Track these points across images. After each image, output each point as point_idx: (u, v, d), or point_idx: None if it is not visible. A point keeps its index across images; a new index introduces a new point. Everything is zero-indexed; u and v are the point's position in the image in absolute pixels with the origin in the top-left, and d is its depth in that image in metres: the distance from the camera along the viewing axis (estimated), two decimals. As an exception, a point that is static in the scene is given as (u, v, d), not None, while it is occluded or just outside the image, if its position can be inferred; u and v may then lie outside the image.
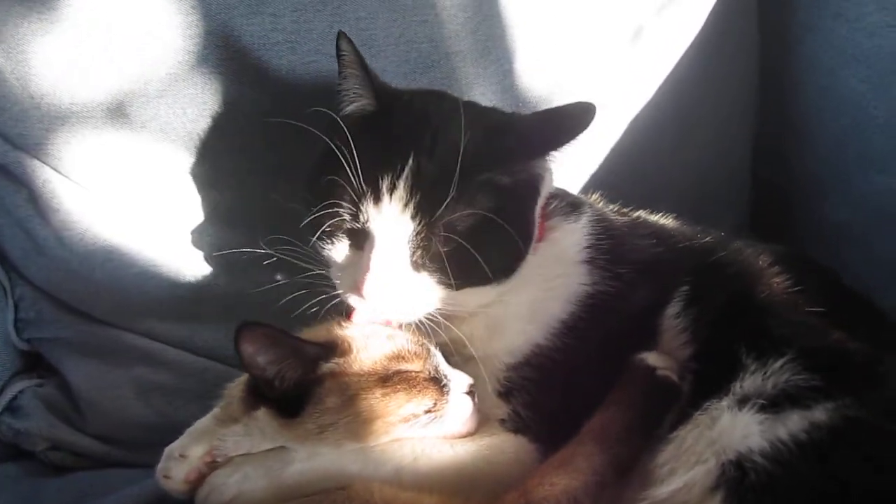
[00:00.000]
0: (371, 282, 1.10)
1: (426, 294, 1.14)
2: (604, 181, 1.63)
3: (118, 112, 1.45)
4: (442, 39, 1.53)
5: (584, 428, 1.11)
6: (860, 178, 1.66)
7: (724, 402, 1.06)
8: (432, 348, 1.19)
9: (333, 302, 1.21)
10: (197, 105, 1.47)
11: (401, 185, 1.08)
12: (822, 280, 1.29)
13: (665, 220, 1.36)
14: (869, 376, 1.06)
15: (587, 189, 1.53)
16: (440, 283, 1.13)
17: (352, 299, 1.16)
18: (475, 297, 1.17)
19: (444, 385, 1.14)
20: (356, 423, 1.08)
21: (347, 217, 1.12)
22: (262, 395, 1.11)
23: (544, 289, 1.21)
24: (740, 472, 0.98)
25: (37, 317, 1.63)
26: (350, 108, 1.21)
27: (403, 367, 1.13)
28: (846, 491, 0.95)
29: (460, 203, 1.08)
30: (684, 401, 1.12)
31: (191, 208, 1.55)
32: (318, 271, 1.22)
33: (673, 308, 1.19)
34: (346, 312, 1.21)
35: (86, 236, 1.52)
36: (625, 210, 1.37)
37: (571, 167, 1.65)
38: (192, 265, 1.58)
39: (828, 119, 1.72)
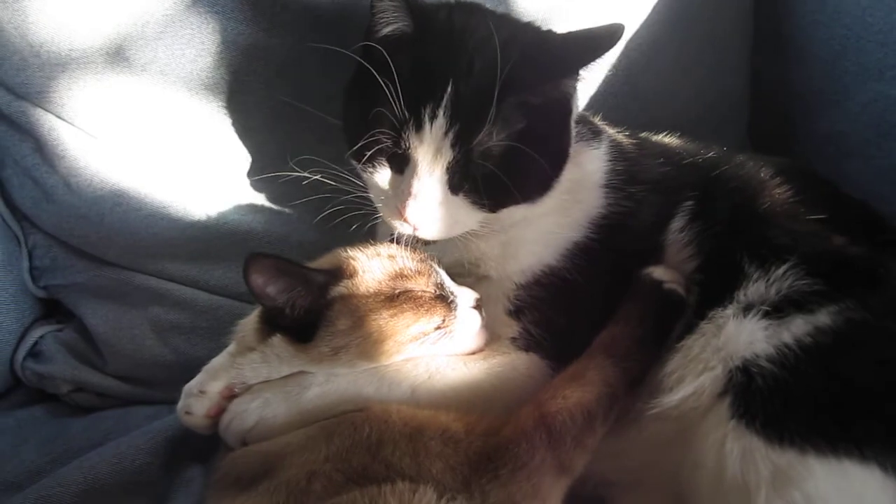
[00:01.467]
0: (413, 206, 1.13)
1: (464, 215, 1.16)
2: (604, 102, 1.63)
3: (117, 56, 1.45)
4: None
5: (595, 342, 1.13)
6: (857, 88, 1.65)
7: (729, 311, 1.09)
8: (435, 266, 1.21)
9: (369, 224, 1.27)
10: (195, 45, 1.47)
11: (440, 113, 1.09)
12: (822, 188, 1.31)
13: (670, 139, 1.37)
14: (870, 279, 1.09)
15: (589, 111, 1.52)
16: (476, 204, 1.15)
17: (395, 222, 1.18)
18: (508, 215, 1.19)
19: (451, 301, 1.17)
20: (368, 344, 1.11)
21: (389, 143, 1.14)
22: (275, 323, 1.14)
23: (564, 211, 1.23)
24: (747, 378, 1.01)
25: (51, 264, 1.66)
26: (386, 31, 1.19)
27: (409, 285, 1.15)
28: (851, 390, 0.98)
29: (496, 126, 1.09)
30: (691, 312, 1.14)
31: (196, 149, 1.56)
32: (358, 193, 1.24)
33: (678, 222, 1.21)
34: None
35: (93, 181, 1.54)
36: (631, 132, 1.38)
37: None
38: (200, 205, 1.59)
39: (824, 30, 1.70)
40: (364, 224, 1.30)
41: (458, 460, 0.98)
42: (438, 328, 1.14)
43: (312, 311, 1.13)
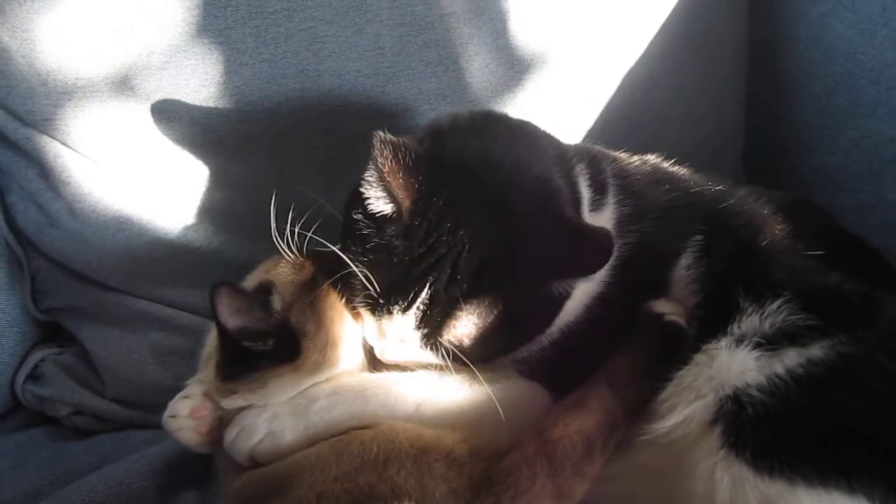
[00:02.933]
0: (387, 354, 1.15)
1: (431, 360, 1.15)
2: (601, 135, 1.65)
3: (123, 85, 1.47)
4: (436, 1, 1.53)
5: (598, 372, 1.14)
6: (850, 124, 1.68)
7: (723, 343, 1.10)
8: None
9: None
10: (198, 75, 1.48)
11: (412, 310, 1.08)
12: (819, 223, 1.32)
13: (676, 167, 1.36)
14: (864, 314, 1.09)
15: (587, 141, 1.55)
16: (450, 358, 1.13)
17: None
18: None
19: None
20: (335, 331, 1.15)
21: (367, 305, 1.13)
22: (252, 357, 1.15)
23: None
24: (738, 407, 1.02)
25: (53, 288, 1.68)
26: (373, 206, 1.12)
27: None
28: (842, 421, 0.99)
29: (469, 320, 1.08)
30: (690, 343, 1.15)
31: (198, 177, 1.58)
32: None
33: (686, 259, 1.20)
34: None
35: (97, 207, 1.55)
36: (637, 157, 1.36)
37: (571, 122, 1.69)
38: (201, 233, 1.61)
39: (818, 67, 1.73)
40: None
41: (461, 484, 0.99)
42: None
43: (284, 327, 1.16)
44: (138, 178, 1.56)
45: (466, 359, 1.10)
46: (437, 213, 1.07)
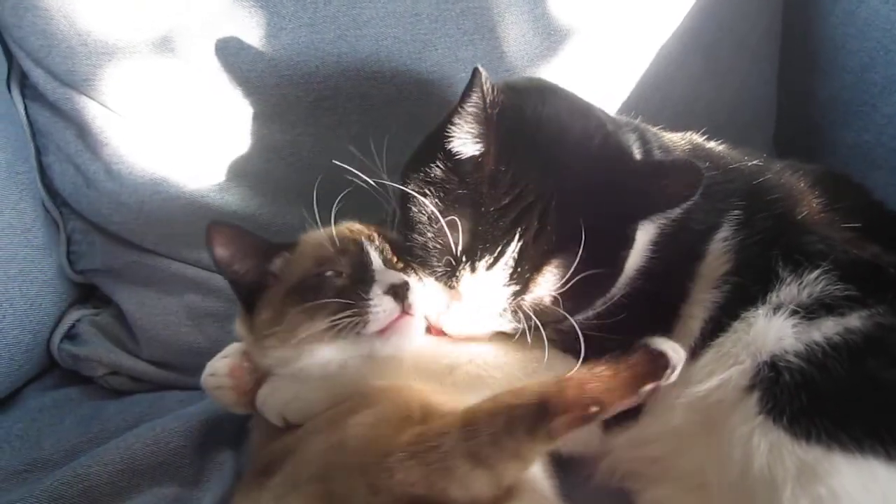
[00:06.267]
0: (451, 326, 1.15)
1: (498, 323, 1.15)
2: (636, 108, 1.64)
3: (163, 47, 1.49)
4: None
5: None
6: (884, 100, 1.67)
7: (761, 311, 1.11)
8: (367, 244, 1.21)
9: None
10: (238, 39, 1.50)
11: (500, 264, 1.08)
12: (857, 197, 1.32)
13: (714, 144, 1.37)
14: None
15: (622, 114, 1.55)
16: (521, 322, 1.14)
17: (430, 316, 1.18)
18: None
19: (366, 285, 1.14)
20: (285, 334, 1.14)
21: (440, 270, 1.13)
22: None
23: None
24: (775, 373, 1.03)
25: (89, 249, 1.70)
26: (459, 148, 1.13)
27: (326, 269, 1.17)
28: (879, 390, 1.00)
29: (555, 275, 1.08)
30: (724, 311, 1.15)
31: (236, 141, 1.59)
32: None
33: (724, 232, 1.21)
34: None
35: (134, 169, 1.57)
36: (678, 134, 1.38)
37: (606, 93, 1.69)
38: (237, 196, 1.62)
39: (852, 43, 1.73)
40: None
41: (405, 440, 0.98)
42: (351, 317, 1.10)
43: (257, 285, 1.19)
44: (176, 140, 1.58)
45: (541, 321, 1.11)
46: (522, 162, 1.09)
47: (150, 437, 1.34)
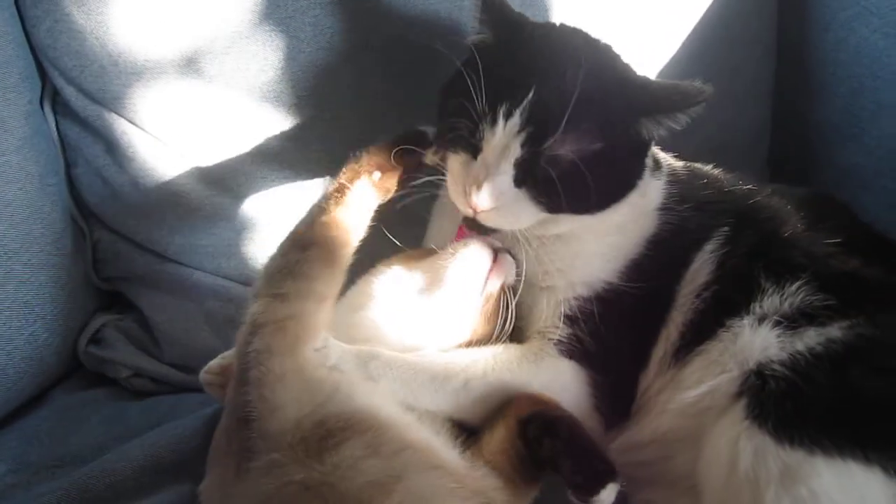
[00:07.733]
0: (477, 191, 1.17)
1: (523, 209, 1.19)
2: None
3: (188, 68, 1.56)
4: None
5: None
6: (873, 125, 1.71)
7: (746, 321, 1.16)
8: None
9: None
10: (258, 60, 1.57)
11: (517, 114, 1.13)
12: (839, 216, 1.37)
13: (712, 169, 1.43)
14: (882, 299, 1.15)
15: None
16: (535, 201, 1.18)
17: (459, 205, 1.23)
18: (561, 222, 1.23)
19: None
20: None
21: (466, 133, 1.19)
22: None
23: (625, 232, 1.27)
24: (761, 381, 1.08)
25: (114, 258, 1.77)
26: (477, 38, 1.27)
27: None
28: (858, 397, 1.05)
29: (566, 142, 1.13)
30: (706, 317, 1.22)
31: (257, 155, 1.66)
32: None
33: (711, 245, 1.26)
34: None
35: (159, 183, 1.64)
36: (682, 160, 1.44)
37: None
38: (258, 208, 1.68)
39: (844, 69, 1.76)
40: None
41: None
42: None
43: None
44: (198, 155, 1.65)
45: (553, 201, 1.17)
46: (542, 39, 1.24)
47: (173, 437, 1.39)
